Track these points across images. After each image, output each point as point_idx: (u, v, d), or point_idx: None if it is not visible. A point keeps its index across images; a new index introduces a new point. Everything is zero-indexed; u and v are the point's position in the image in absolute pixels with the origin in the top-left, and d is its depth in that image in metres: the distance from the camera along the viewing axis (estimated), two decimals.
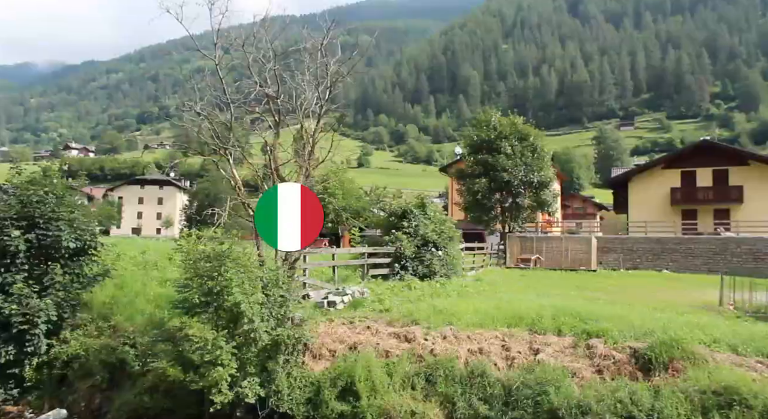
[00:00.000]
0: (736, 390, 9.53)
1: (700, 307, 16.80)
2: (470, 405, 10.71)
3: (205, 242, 12.15)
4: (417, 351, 12.06)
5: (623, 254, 35.63)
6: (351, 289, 15.91)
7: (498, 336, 12.48)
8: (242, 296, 11.21)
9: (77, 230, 14.66)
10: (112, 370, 12.64)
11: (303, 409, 11.25)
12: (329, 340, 12.65)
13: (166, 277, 16.58)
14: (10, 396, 12.85)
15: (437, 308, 14.07)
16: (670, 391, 9.85)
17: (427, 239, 21.03)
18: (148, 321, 13.43)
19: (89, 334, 13.63)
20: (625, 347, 11.39)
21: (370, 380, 11.29)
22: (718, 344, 11.30)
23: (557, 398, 10.11)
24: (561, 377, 10.61)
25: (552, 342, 12.04)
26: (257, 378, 11.26)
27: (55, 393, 12.78)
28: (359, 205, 47.64)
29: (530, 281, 24.15)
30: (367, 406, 10.92)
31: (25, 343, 12.74)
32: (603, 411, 9.63)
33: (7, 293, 12.96)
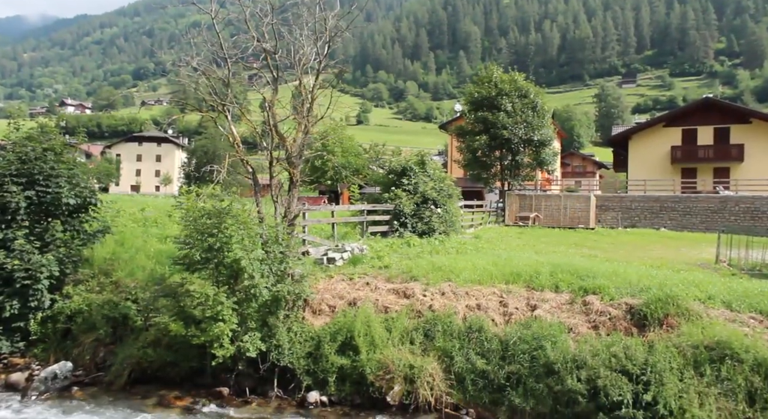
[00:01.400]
0: (728, 344, 9.72)
1: (697, 264, 16.96)
2: (468, 360, 10.92)
3: (205, 199, 12.17)
4: (416, 307, 12.22)
5: (621, 212, 35.75)
6: (350, 246, 16.02)
7: (496, 293, 12.63)
8: (242, 253, 11.29)
9: (77, 187, 14.66)
10: (115, 325, 12.83)
11: (303, 363, 11.46)
12: (329, 296, 12.81)
13: (165, 234, 16.67)
14: (16, 349, 13.11)
15: (436, 264, 14.20)
16: (664, 346, 10.04)
17: (426, 197, 21.06)
18: (149, 277, 13.57)
19: (91, 289, 13.78)
20: (621, 303, 11.55)
21: (369, 335, 11.48)
22: (713, 300, 11.45)
23: (553, 353, 10.30)
24: (557, 332, 10.79)
25: (549, 298, 12.20)
26: (258, 332, 11.44)
27: (60, 347, 13.02)
28: (358, 162, 47.50)
29: (528, 238, 24.30)
30: (366, 360, 11.13)
31: (29, 298, 12.90)
32: (597, 366, 9.83)
33: (8, 250, 13.06)
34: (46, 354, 12.89)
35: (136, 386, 11.75)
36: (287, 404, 11.25)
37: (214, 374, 11.65)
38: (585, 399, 9.61)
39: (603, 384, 9.51)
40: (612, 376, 9.59)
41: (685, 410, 9.14)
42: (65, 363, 12.22)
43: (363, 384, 11.08)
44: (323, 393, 11.23)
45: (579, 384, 9.71)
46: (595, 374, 9.71)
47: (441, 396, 10.71)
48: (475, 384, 10.70)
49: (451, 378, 10.89)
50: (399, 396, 10.81)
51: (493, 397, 10.50)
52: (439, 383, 10.80)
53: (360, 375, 11.10)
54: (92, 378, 12.14)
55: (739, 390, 9.33)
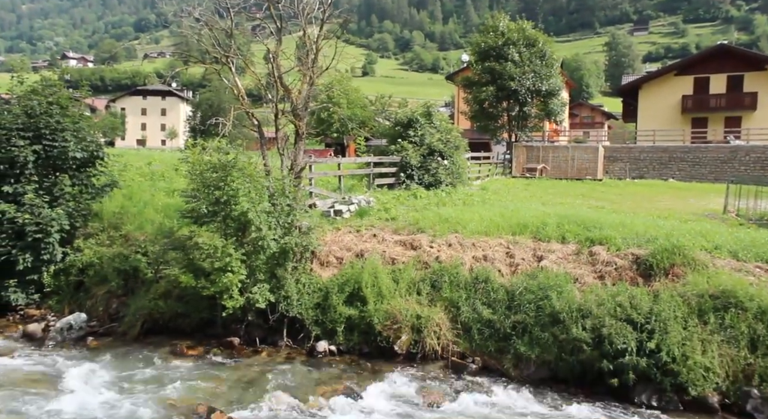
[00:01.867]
0: (733, 293, 9.79)
1: (704, 215, 16.93)
2: (474, 310, 11.07)
3: (211, 152, 12.14)
4: (423, 258, 12.32)
5: (630, 163, 35.50)
6: (357, 198, 16.04)
7: (502, 244, 12.69)
8: (249, 206, 11.33)
9: (83, 142, 14.66)
10: (126, 277, 13.03)
11: (312, 314, 11.65)
12: (336, 248, 12.91)
13: (173, 187, 16.72)
14: (32, 301, 13.41)
15: (443, 216, 14.23)
16: (669, 295, 10.12)
17: (432, 149, 20.93)
18: (157, 230, 13.69)
19: (101, 243, 13.94)
20: (627, 254, 11.59)
21: (376, 286, 11.62)
22: (719, 250, 11.47)
23: (559, 302, 10.42)
24: (563, 282, 10.88)
25: (555, 249, 12.25)
26: (267, 284, 11.60)
27: (73, 298, 13.28)
28: (364, 114, 47.06)
29: (535, 190, 24.25)
30: (374, 310, 11.30)
31: (41, 251, 13.08)
32: (603, 315, 9.95)
33: (19, 204, 13.17)
34: (61, 306, 13.16)
35: (149, 336, 12.02)
36: (297, 353, 11.50)
37: (225, 324, 11.88)
38: (589, 347, 9.76)
39: (608, 333, 9.65)
40: (617, 325, 9.71)
41: (687, 357, 9.29)
42: (79, 314, 12.49)
43: (371, 334, 11.28)
44: (332, 343, 11.46)
45: (584, 333, 9.85)
46: (600, 323, 9.84)
47: (447, 345, 10.91)
48: (482, 333, 10.87)
49: (458, 328, 11.06)
50: (406, 345, 11.01)
51: (499, 346, 10.69)
52: (445, 332, 10.98)
53: (368, 325, 11.29)
54: (106, 328, 12.42)
55: (741, 338, 9.45)
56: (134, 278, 12.96)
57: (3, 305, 13.08)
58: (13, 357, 10.90)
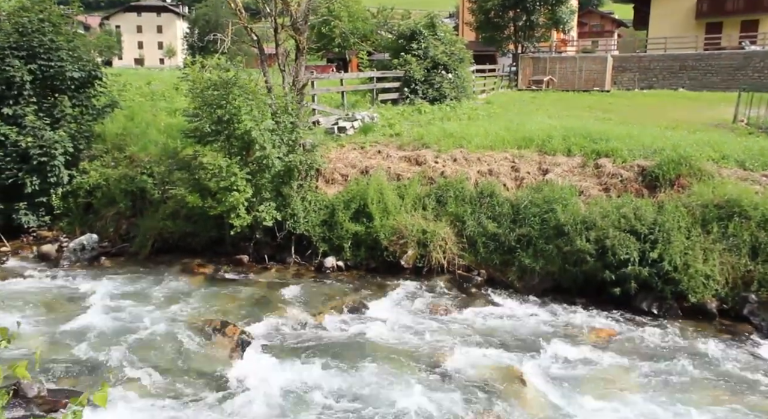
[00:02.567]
0: (737, 202, 9.80)
1: (713, 125, 16.69)
2: (479, 224, 11.17)
3: (210, 70, 11.87)
4: (428, 174, 12.32)
5: (639, 73, 34.58)
6: (361, 114, 15.83)
7: (508, 158, 12.62)
8: (252, 124, 11.22)
9: (79, 61, 14.34)
10: (134, 198, 13.14)
11: (318, 230, 11.81)
12: (341, 165, 12.89)
13: (174, 107, 16.52)
14: (43, 223, 13.62)
15: (447, 131, 14.08)
16: (674, 206, 10.15)
17: (436, 62, 20.40)
18: (162, 151, 13.65)
19: (107, 165, 13.96)
20: (633, 165, 11.53)
21: (382, 202, 11.69)
22: (727, 160, 11.39)
23: (563, 215, 10.48)
24: (568, 195, 10.91)
25: (561, 162, 12.19)
26: (273, 202, 11.68)
27: (83, 220, 13.46)
28: (366, 28, 45.54)
29: (542, 102, 23.83)
30: (380, 226, 11.43)
31: (47, 174, 13.13)
32: (607, 226, 10.03)
33: (20, 127, 13.08)
34: (72, 227, 13.37)
35: (160, 255, 12.27)
36: (305, 269, 11.76)
37: (234, 243, 12.08)
38: (593, 258, 9.91)
39: (611, 244, 9.76)
40: (620, 236, 9.81)
41: (689, 265, 9.44)
42: (90, 235, 12.70)
43: (377, 249, 11.47)
44: (339, 259, 11.68)
45: (588, 244, 9.97)
46: (604, 234, 9.94)
47: (453, 258, 11.10)
48: (487, 246, 11.03)
49: (463, 242, 11.22)
50: (412, 259, 11.22)
51: (504, 258, 10.87)
52: (451, 246, 11.15)
53: (374, 240, 11.46)
54: (118, 248, 12.67)
55: (743, 246, 9.56)
56: (141, 199, 13.07)
57: (16, 228, 13.29)
58: (29, 277, 11.20)
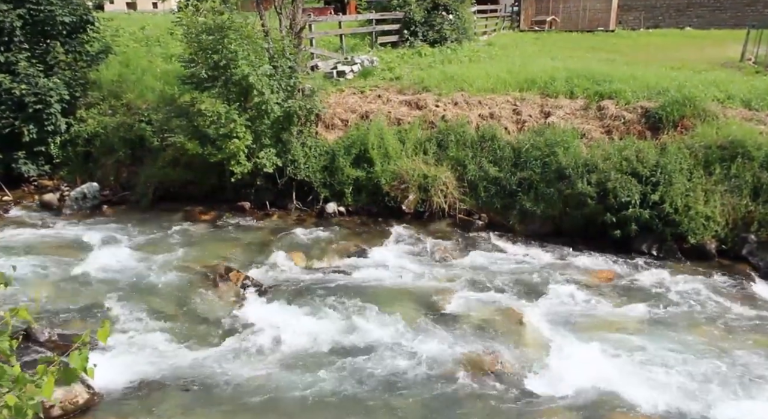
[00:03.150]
0: (741, 143, 9.73)
1: (720, 64, 16.38)
2: (480, 168, 11.13)
3: (205, 13, 11.57)
4: (428, 118, 12.18)
5: (644, 11, 33.68)
6: (360, 58, 15.52)
7: (509, 101, 12.45)
8: (249, 69, 11.02)
9: (69, 5, 13.95)
10: (133, 146, 13.05)
11: (320, 176, 11.78)
12: (341, 110, 12.74)
13: (170, 53, 16.19)
14: (43, 172, 13.57)
15: (448, 74, 13.84)
16: (676, 148, 10.08)
17: (437, 2, 19.84)
18: (159, 98, 13.46)
19: (104, 113, 13.79)
20: (636, 107, 11.38)
21: (382, 147, 11.62)
22: (732, 100, 11.23)
23: (565, 158, 10.42)
24: (570, 138, 10.81)
25: (563, 104, 12.03)
26: (273, 149, 11.61)
27: (83, 169, 13.40)
28: None
29: (544, 44, 23.30)
30: (380, 171, 11.40)
31: (44, 122, 12.99)
32: (608, 169, 9.98)
33: (14, 74, 12.86)
34: (72, 176, 13.33)
35: (162, 203, 12.28)
36: (306, 215, 11.80)
37: (235, 190, 12.07)
38: (594, 201, 9.92)
39: (612, 187, 9.75)
40: (622, 178, 9.78)
41: (690, 207, 9.46)
42: (91, 183, 12.69)
43: (378, 195, 11.48)
44: (340, 204, 11.71)
45: (589, 187, 9.96)
46: (606, 177, 9.91)
47: (454, 203, 11.12)
48: (488, 190, 11.02)
49: (464, 186, 11.21)
50: (413, 204, 11.24)
51: (505, 202, 10.88)
52: (452, 191, 11.15)
53: (375, 186, 11.45)
54: (119, 197, 12.68)
55: (745, 186, 9.56)
56: (141, 147, 12.98)
57: (16, 177, 13.26)
58: (33, 226, 11.26)
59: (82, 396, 5.75)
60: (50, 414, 5.49)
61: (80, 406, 5.70)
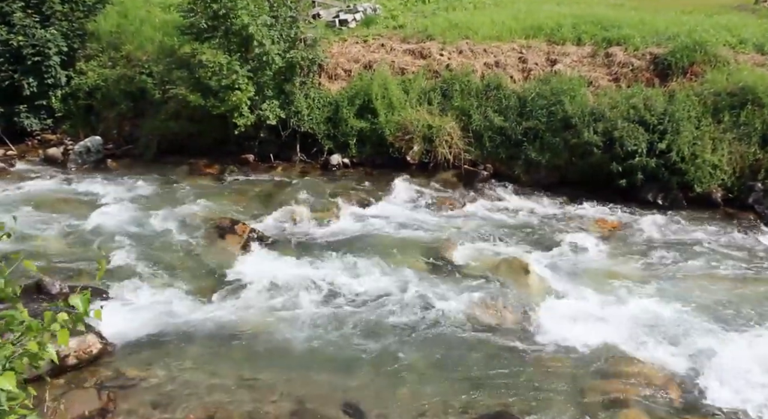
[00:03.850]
0: (752, 89, 9.57)
1: (734, 7, 15.90)
2: (485, 118, 11.02)
3: None
4: (433, 67, 11.99)
5: None
6: (362, 6, 15.15)
7: (515, 48, 12.21)
8: (249, 19, 10.80)
9: None
10: (134, 99, 12.92)
11: (323, 128, 11.69)
12: (343, 60, 12.52)
13: (168, 2, 15.81)
14: (46, 126, 13.51)
15: (453, 22, 13.51)
16: (685, 95, 9.92)
17: None
18: (159, 50, 13.23)
19: (104, 65, 13.60)
20: (645, 53, 11.15)
21: (386, 97, 11.48)
22: (744, 45, 10.98)
23: (571, 107, 10.28)
24: (576, 86, 10.65)
25: (570, 52, 11.79)
26: (276, 100, 11.48)
27: (85, 122, 13.30)
28: None
29: None
30: (385, 122, 11.30)
31: (44, 75, 12.85)
32: (615, 117, 9.86)
33: (10, 25, 12.63)
34: (75, 130, 13.26)
35: (166, 156, 12.23)
36: (311, 167, 11.77)
37: (238, 142, 11.99)
38: (600, 150, 9.84)
39: (619, 135, 9.65)
40: (629, 127, 9.67)
41: (697, 156, 9.38)
42: (94, 137, 12.63)
43: (383, 146, 11.41)
44: (345, 156, 11.66)
45: (595, 137, 9.86)
46: (612, 126, 9.79)
47: (459, 153, 11.05)
48: (493, 140, 10.93)
49: (469, 136, 11.12)
50: (418, 155, 11.18)
51: (510, 152, 10.81)
52: (457, 141, 11.06)
53: (379, 137, 11.37)
54: (123, 150, 12.64)
55: (754, 134, 9.46)
56: (142, 99, 12.85)
57: (19, 131, 13.20)
58: (38, 180, 11.28)
59: (95, 346, 5.88)
60: (65, 363, 5.62)
61: (94, 355, 5.83)
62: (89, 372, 5.76)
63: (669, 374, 5.70)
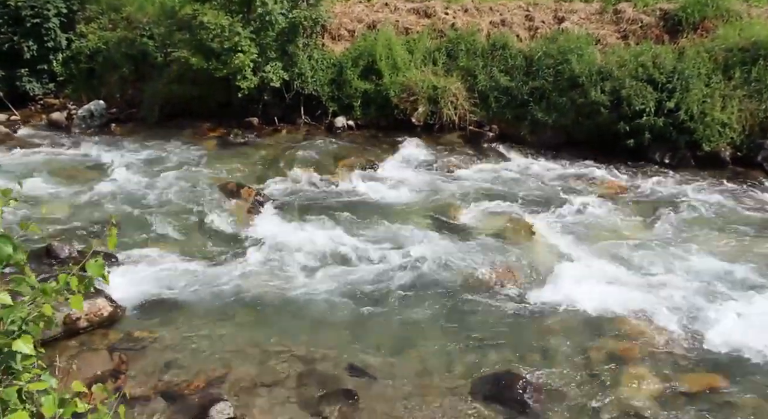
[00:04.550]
0: (764, 44, 9.38)
1: None
2: (491, 78, 10.88)
3: None
4: (437, 26, 11.79)
5: None
6: None
7: (521, 6, 11.99)
8: None
9: None
10: (136, 62, 12.77)
11: (327, 90, 11.58)
12: (347, 20, 12.32)
13: None
14: (48, 90, 13.42)
15: None
16: (695, 52, 9.75)
17: None
18: (160, 11, 13.02)
19: (104, 27, 13.42)
20: (655, 9, 10.94)
21: (391, 58, 11.32)
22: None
23: (579, 65, 10.13)
24: (584, 44, 10.47)
25: (578, 8, 11.57)
26: (279, 62, 11.34)
27: (88, 86, 13.19)
28: None
29: None
30: (389, 83, 11.17)
31: (44, 38, 12.69)
32: (623, 76, 9.70)
33: None
34: (77, 94, 13.17)
35: (170, 120, 12.15)
36: (315, 130, 11.69)
37: (242, 105, 11.87)
38: (607, 110, 9.72)
39: (627, 95, 9.51)
40: (637, 86, 9.52)
41: (706, 114, 9.26)
42: (97, 101, 12.56)
43: (387, 108, 11.31)
44: (349, 118, 11.57)
45: (602, 96, 9.73)
46: (620, 84, 9.65)
47: (464, 114, 10.95)
48: (499, 101, 10.82)
49: (475, 97, 11.00)
50: (423, 116, 11.08)
51: (516, 113, 10.71)
52: (462, 102, 10.95)
53: (384, 98, 11.26)
54: (126, 114, 12.56)
55: (765, 91, 9.32)
56: (144, 62, 12.71)
57: (22, 96, 13.12)
58: (43, 145, 11.25)
59: (105, 309, 5.95)
60: (77, 326, 5.71)
61: (105, 319, 5.91)
62: (100, 334, 5.85)
63: (674, 332, 5.74)
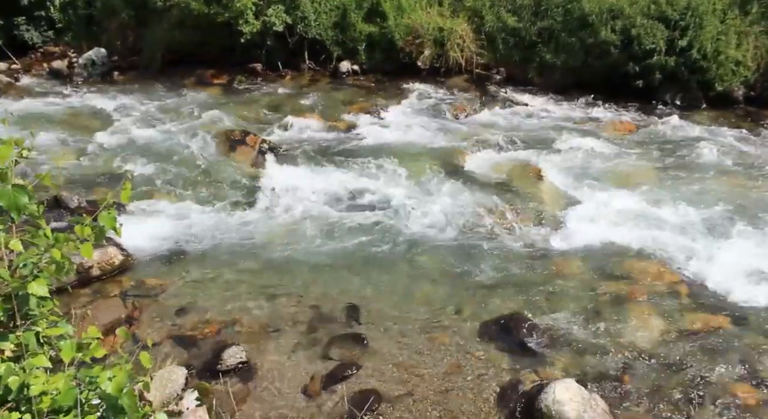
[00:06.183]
0: None
1: None
2: (499, 18, 10.62)
3: None
4: None
5: None
6: None
7: None
8: None
9: None
10: (135, 7, 12.47)
11: (331, 34, 11.34)
12: None
13: None
14: (47, 38, 13.26)
15: None
16: None
17: None
18: None
19: None
20: None
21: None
22: None
23: (589, 4, 9.84)
24: None
25: None
26: (281, 5, 11.07)
27: (87, 33, 12.98)
28: None
29: None
30: (394, 26, 10.93)
31: None
32: (635, 14, 9.44)
33: None
34: (78, 42, 12.98)
35: (172, 67, 12.00)
36: (320, 75, 11.53)
37: (245, 51, 11.68)
38: (617, 50, 9.52)
39: (637, 34, 9.28)
40: (648, 24, 9.27)
41: (720, 52, 9.04)
42: (98, 49, 12.38)
43: (393, 51, 11.11)
44: (354, 63, 11.39)
45: (613, 35, 9.50)
46: (631, 23, 9.40)
47: (471, 57, 10.75)
48: (506, 43, 10.59)
49: (482, 39, 10.78)
50: (429, 60, 10.88)
51: (524, 55, 10.50)
52: (469, 44, 10.72)
53: (389, 42, 11.04)
54: (128, 62, 12.41)
55: None
56: (144, 8, 12.41)
57: (21, 45, 12.94)
58: (46, 94, 11.16)
59: (117, 258, 6.03)
60: (89, 274, 5.80)
61: (116, 267, 6.00)
62: (113, 282, 5.94)
63: (679, 272, 5.78)
